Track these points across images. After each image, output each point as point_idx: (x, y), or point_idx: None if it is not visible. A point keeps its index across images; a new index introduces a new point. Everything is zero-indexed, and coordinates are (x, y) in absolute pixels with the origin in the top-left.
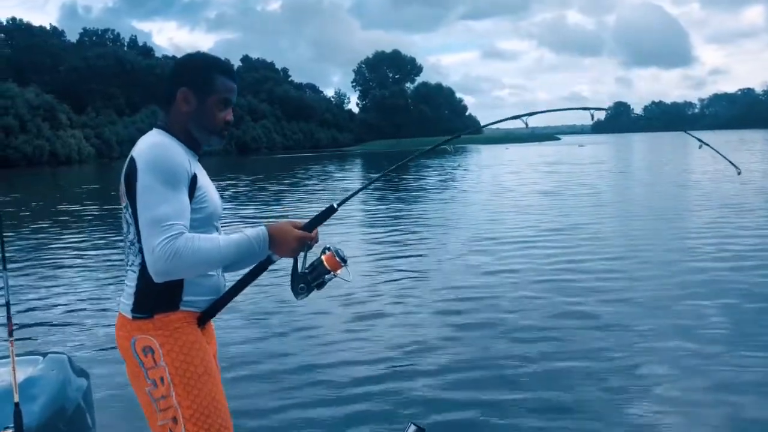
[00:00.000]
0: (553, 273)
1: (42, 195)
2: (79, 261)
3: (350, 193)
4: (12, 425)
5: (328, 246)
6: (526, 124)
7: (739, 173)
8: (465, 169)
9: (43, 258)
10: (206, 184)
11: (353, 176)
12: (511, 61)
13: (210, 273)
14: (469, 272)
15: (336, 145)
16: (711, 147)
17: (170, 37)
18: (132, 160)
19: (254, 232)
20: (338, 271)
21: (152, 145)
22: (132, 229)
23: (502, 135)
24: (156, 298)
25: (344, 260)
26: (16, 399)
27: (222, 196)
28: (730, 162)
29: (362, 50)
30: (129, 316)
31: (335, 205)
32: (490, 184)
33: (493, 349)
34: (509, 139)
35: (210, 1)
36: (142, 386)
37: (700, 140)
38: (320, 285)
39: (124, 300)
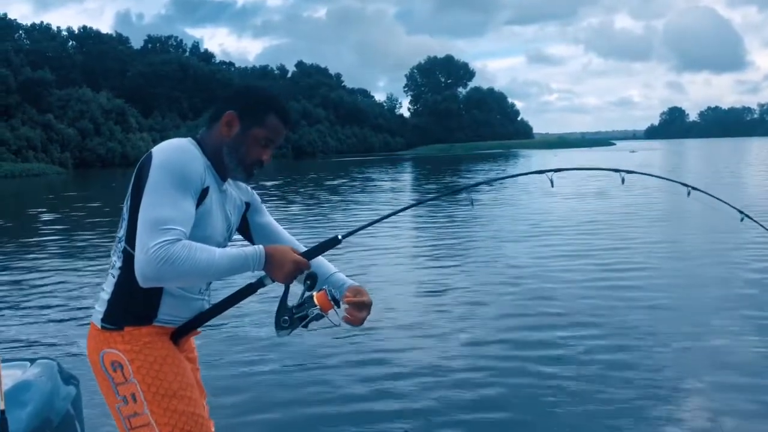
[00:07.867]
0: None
1: (106, 193)
2: (84, 264)
3: (357, 226)
4: None
5: (323, 287)
6: (552, 181)
7: (742, 220)
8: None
9: (44, 260)
10: (215, 208)
11: (403, 179)
12: (558, 66)
13: (194, 295)
14: (504, 273)
15: (388, 150)
16: (706, 193)
17: (220, 43)
18: (149, 154)
19: (252, 249)
20: (327, 311)
21: (173, 146)
22: (124, 224)
23: (554, 140)
24: (129, 310)
25: (336, 302)
26: (2, 406)
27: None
28: (732, 206)
29: (408, 55)
30: (98, 325)
31: (340, 237)
32: (534, 187)
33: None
34: (561, 144)
35: (258, 8)
36: (112, 402)
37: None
38: (305, 321)
39: (97, 307)
